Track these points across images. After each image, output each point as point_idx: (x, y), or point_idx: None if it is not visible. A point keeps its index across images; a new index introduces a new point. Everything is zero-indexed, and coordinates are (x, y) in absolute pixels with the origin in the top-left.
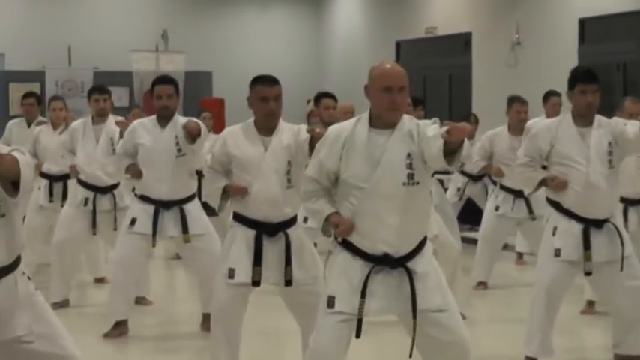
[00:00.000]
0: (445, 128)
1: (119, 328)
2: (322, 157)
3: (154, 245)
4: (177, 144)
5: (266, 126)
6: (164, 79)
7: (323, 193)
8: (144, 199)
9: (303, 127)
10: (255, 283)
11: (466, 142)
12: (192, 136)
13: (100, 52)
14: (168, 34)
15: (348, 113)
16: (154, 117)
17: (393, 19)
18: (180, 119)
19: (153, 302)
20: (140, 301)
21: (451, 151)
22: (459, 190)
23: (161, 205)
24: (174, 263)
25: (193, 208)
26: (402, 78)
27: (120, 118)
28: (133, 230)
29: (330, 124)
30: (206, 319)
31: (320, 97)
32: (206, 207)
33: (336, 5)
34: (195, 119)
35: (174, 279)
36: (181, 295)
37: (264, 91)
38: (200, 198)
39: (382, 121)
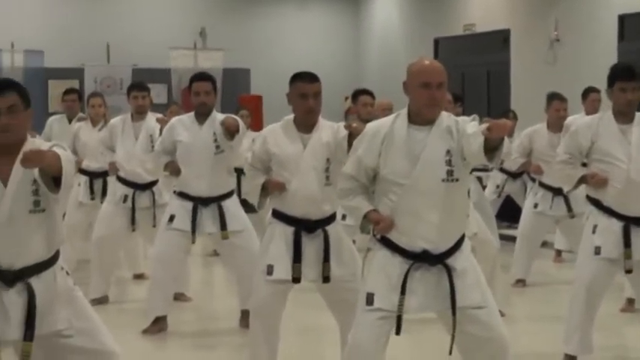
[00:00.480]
0: (485, 125)
1: (158, 325)
2: (360, 154)
3: (193, 242)
4: (215, 141)
5: (305, 123)
6: (202, 76)
7: (360, 190)
8: (182, 195)
9: (343, 124)
10: (296, 280)
11: (505, 139)
12: (231, 132)
13: (138, 50)
14: (207, 31)
15: (387, 110)
16: (191, 114)
17: (431, 16)
18: (218, 116)
19: (192, 299)
20: (179, 297)
21: (491, 148)
22: (497, 187)
23: (200, 202)
24: (212, 260)
25: (231, 205)
26: (440, 74)
27: (159, 115)
28: (171, 227)
29: (368, 121)
30: (245, 315)
31: (358, 94)
32: (245, 204)
33: (374, 2)
34: (233, 115)
35: (213, 276)
36: (220, 291)
37: (304, 88)
38: (240, 195)
39: (421, 117)
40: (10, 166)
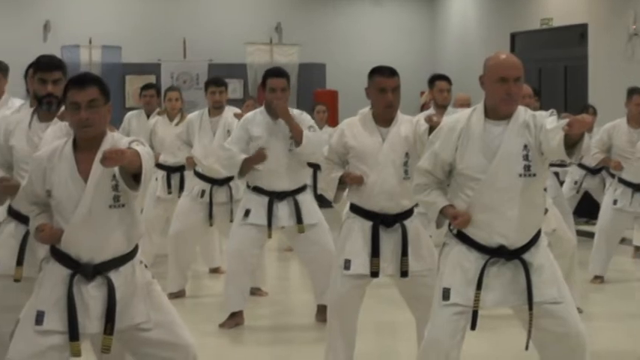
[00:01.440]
0: (565, 120)
1: (235, 319)
2: (437, 149)
3: (269, 236)
4: (292, 137)
5: (384, 117)
6: (277, 72)
7: (436, 185)
8: (257, 190)
9: (422, 117)
10: (374, 274)
11: (585, 135)
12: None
13: (214, 45)
14: (283, 26)
15: (464, 105)
16: (262, 109)
17: (508, 11)
18: (294, 112)
19: (268, 293)
20: (255, 292)
21: (571, 143)
22: (576, 183)
23: (275, 196)
24: (288, 255)
25: (306, 199)
26: (517, 68)
27: (237, 110)
28: (247, 221)
29: (444, 107)
30: (321, 310)
31: (434, 79)
32: (320, 199)
33: None
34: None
35: (289, 270)
36: (296, 286)
37: (383, 83)
38: (315, 190)
39: (497, 112)
40: (90, 162)
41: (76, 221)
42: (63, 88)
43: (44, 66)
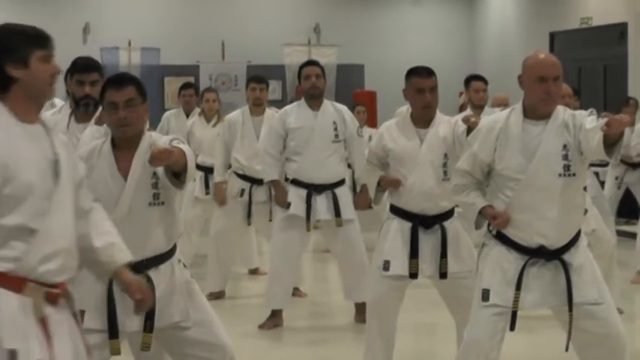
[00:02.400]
0: (604, 120)
1: (274, 320)
2: (475, 149)
3: (308, 229)
4: (335, 129)
5: (422, 118)
6: (310, 62)
7: (475, 186)
8: (296, 183)
9: (460, 118)
10: (413, 275)
11: (626, 131)
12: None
13: (253, 46)
14: (321, 27)
15: (502, 105)
16: (301, 101)
17: (547, 10)
18: (337, 106)
19: (307, 294)
20: (294, 292)
21: (611, 143)
22: (617, 178)
23: (313, 189)
24: (326, 256)
25: (343, 193)
26: (556, 68)
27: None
28: (287, 213)
29: (480, 107)
30: (359, 310)
31: (470, 79)
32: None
33: None
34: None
35: (327, 271)
36: (334, 287)
37: (420, 83)
38: (354, 190)
39: (536, 111)
40: (129, 160)
41: (116, 219)
42: (100, 89)
43: (81, 68)
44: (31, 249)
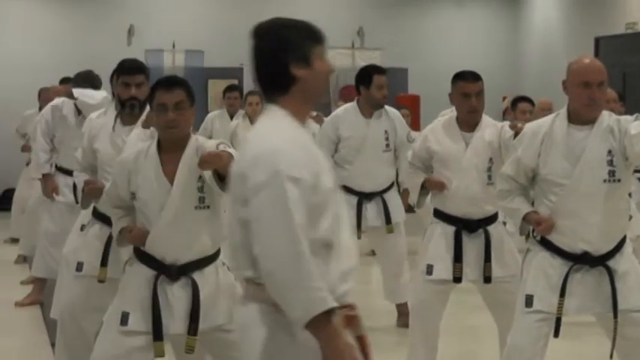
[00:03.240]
0: None
1: None
2: (520, 154)
3: (358, 237)
4: (387, 139)
5: (468, 122)
6: (383, 70)
7: (519, 191)
8: (346, 189)
9: (508, 124)
10: (457, 279)
11: None
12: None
13: None
14: (365, 30)
15: (545, 110)
16: (354, 104)
17: (592, 15)
18: (390, 112)
19: None
20: None
21: None
22: None
23: (364, 197)
24: (370, 259)
25: (392, 196)
26: (600, 73)
27: (312, 113)
28: None
29: None
30: (402, 314)
31: (517, 101)
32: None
33: (534, 1)
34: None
35: (370, 274)
36: (377, 290)
37: (466, 88)
38: (399, 191)
39: (581, 116)
40: (175, 163)
41: (162, 222)
42: (145, 91)
43: (127, 70)
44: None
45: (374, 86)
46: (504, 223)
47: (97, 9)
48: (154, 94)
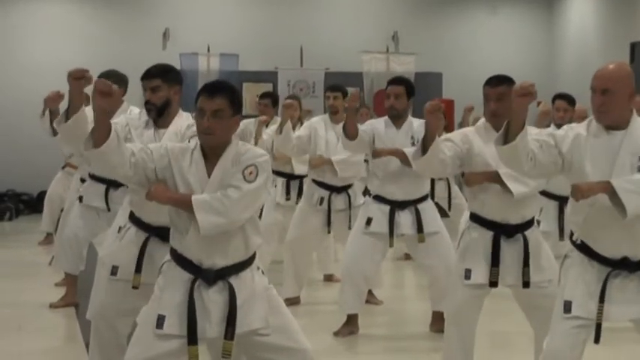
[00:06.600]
0: None
1: (349, 327)
2: (557, 137)
3: (391, 245)
4: (412, 145)
5: (493, 126)
6: (394, 80)
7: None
8: (379, 199)
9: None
10: (493, 284)
11: None
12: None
13: (331, 53)
14: (399, 35)
15: (580, 117)
16: (386, 118)
17: (628, 20)
18: (414, 122)
19: (383, 302)
20: (370, 299)
21: None
22: None
23: (397, 205)
24: (403, 264)
25: (427, 207)
26: (606, 80)
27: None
28: (369, 230)
29: (559, 126)
30: (436, 319)
31: (555, 98)
32: (437, 208)
33: (568, 6)
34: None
35: (404, 279)
36: (411, 295)
37: (487, 91)
38: (432, 198)
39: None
40: (211, 169)
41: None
42: (163, 95)
43: (144, 74)
44: None
45: (386, 96)
46: (538, 223)
47: (132, 12)
48: (198, 97)
